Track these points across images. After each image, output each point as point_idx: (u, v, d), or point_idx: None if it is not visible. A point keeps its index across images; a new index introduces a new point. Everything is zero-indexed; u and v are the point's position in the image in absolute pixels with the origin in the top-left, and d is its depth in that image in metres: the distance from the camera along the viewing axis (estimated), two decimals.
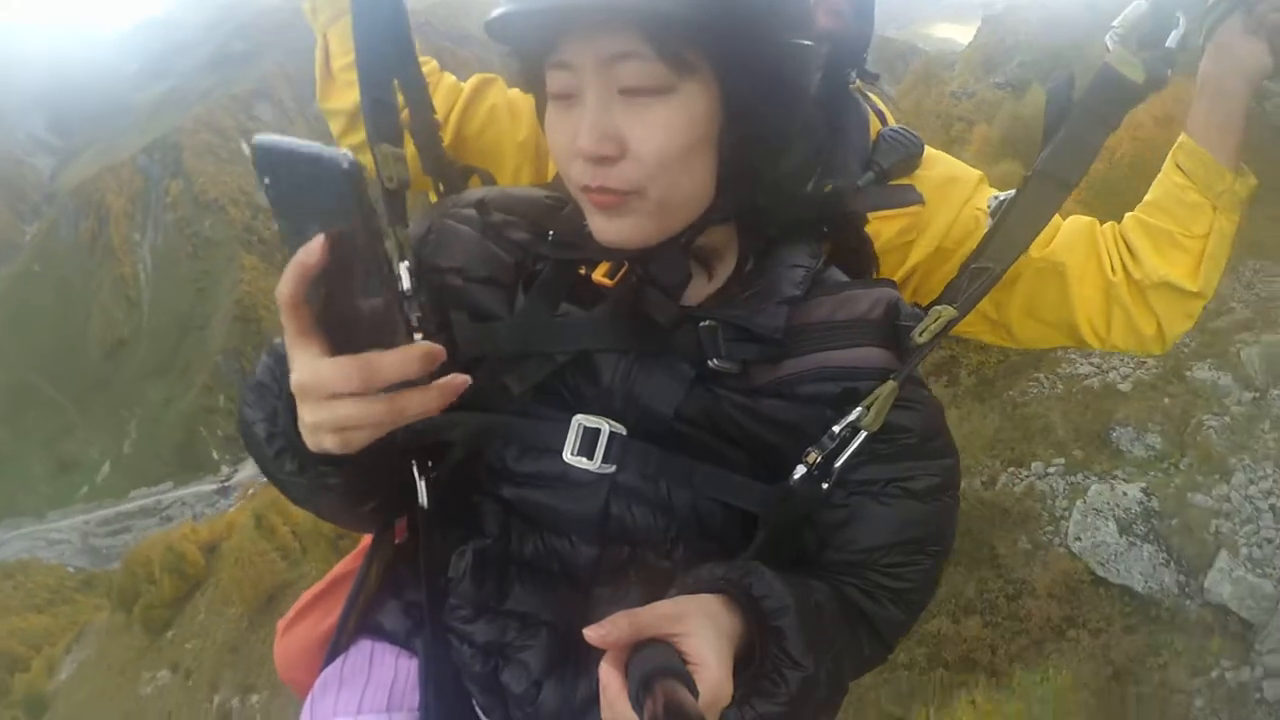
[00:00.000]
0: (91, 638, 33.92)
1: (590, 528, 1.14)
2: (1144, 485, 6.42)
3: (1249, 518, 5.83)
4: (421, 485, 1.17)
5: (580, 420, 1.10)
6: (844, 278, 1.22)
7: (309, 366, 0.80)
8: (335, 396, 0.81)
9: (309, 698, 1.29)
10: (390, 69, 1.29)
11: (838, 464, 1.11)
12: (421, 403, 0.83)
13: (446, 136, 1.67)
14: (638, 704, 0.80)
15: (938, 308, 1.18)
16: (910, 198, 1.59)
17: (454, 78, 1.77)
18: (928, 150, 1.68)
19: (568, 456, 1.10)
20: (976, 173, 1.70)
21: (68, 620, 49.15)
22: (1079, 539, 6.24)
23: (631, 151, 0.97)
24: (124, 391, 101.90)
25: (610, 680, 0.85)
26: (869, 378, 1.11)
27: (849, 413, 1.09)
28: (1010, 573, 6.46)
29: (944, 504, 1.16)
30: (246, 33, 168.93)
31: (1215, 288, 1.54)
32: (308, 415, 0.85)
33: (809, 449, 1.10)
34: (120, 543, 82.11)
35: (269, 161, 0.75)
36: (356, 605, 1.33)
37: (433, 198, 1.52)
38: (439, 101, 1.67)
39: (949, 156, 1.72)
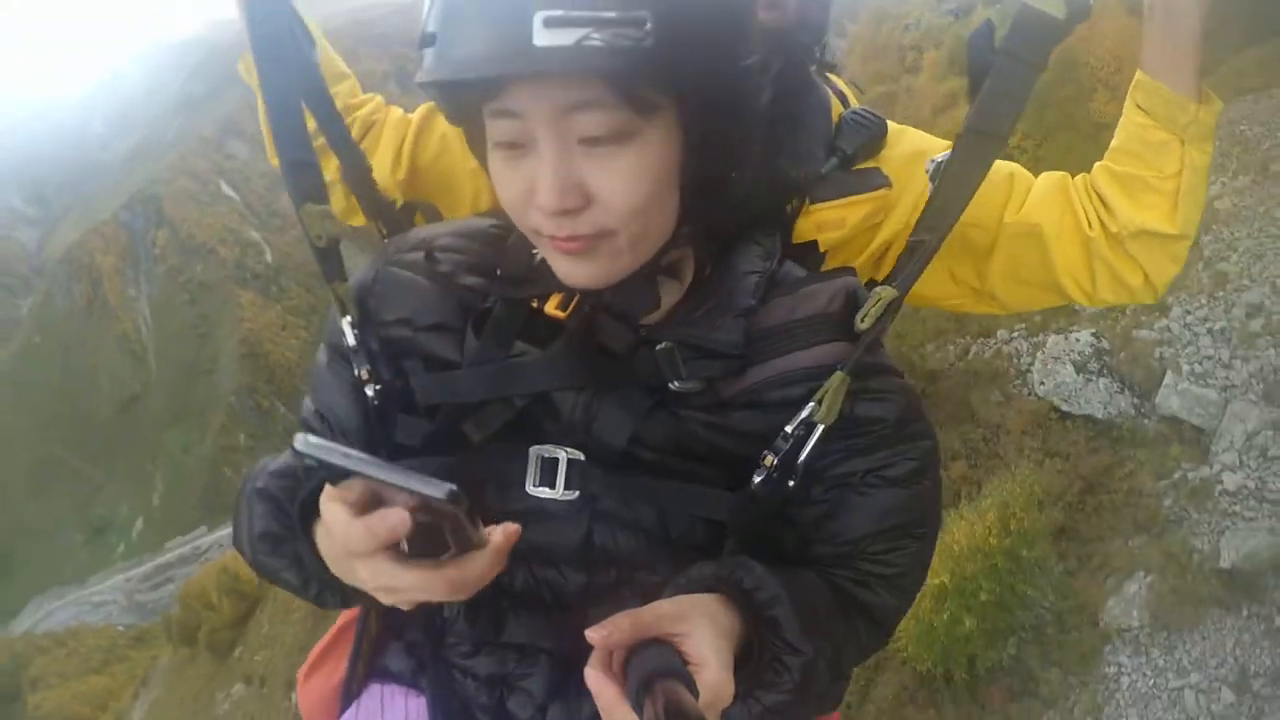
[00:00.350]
0: (157, 678, 34.82)
1: (575, 557, 1.13)
2: (1094, 330, 7.24)
3: (1189, 342, 6.65)
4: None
5: (537, 451, 1.09)
6: (801, 272, 1.21)
7: (389, 575, 0.85)
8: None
9: None
10: (303, 129, 1.27)
11: (801, 459, 1.10)
12: (483, 572, 0.88)
13: (401, 170, 1.72)
14: (638, 705, 0.79)
15: (878, 289, 1.15)
16: (875, 181, 1.57)
17: (400, 111, 1.81)
18: (892, 128, 1.64)
19: (530, 488, 1.10)
20: (944, 142, 1.61)
21: (126, 676, 50.12)
22: (1043, 384, 7.06)
23: (598, 201, 0.94)
24: (144, 446, 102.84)
25: (603, 687, 0.85)
26: (823, 368, 1.09)
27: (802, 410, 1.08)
28: (987, 421, 7.38)
29: (924, 487, 1.16)
30: (203, 73, 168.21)
31: (1197, 225, 1.48)
32: (380, 595, 0.89)
33: (765, 452, 1.09)
34: (164, 595, 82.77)
35: (345, 473, 0.78)
36: (361, 653, 1.36)
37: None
38: (388, 136, 1.74)
39: (914, 131, 1.69)
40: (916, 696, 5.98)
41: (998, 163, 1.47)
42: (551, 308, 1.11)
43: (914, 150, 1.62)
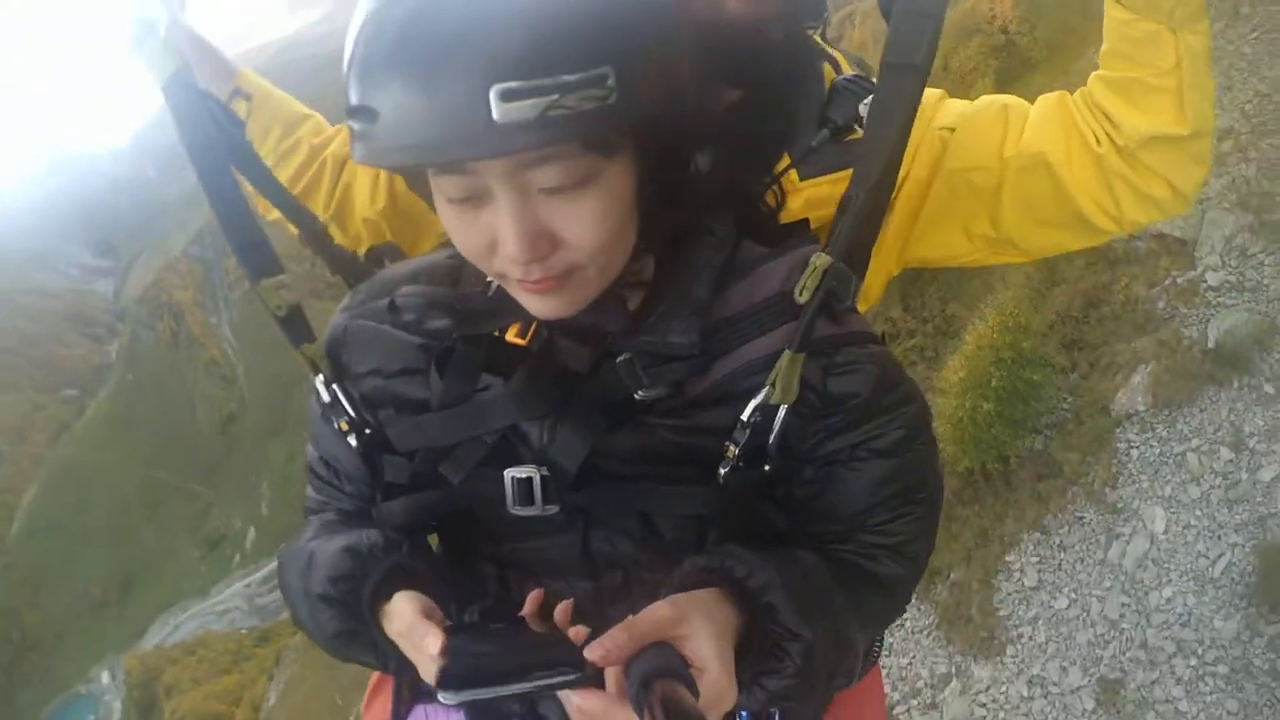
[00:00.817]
0: (290, 657, 36.06)
1: (578, 565, 1.15)
2: None
3: None
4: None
5: (510, 474, 1.10)
6: (758, 250, 1.15)
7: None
8: None
9: None
10: (246, 212, 1.25)
11: (770, 442, 1.07)
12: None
13: (379, 200, 1.68)
14: (638, 706, 0.79)
15: (815, 256, 1.08)
16: None
17: None
18: None
19: (511, 509, 1.11)
20: (936, 91, 1.51)
21: (256, 670, 51.87)
22: None
23: (565, 243, 0.92)
24: (247, 461, 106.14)
25: (593, 698, 0.86)
26: (775, 351, 1.06)
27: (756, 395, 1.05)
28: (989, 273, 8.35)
29: (916, 453, 1.14)
30: None
31: (1211, 117, 1.33)
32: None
33: (725, 443, 1.07)
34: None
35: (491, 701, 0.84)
36: (405, 679, 1.38)
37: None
38: (363, 171, 1.69)
39: None
40: (962, 495, 6.97)
41: (989, 98, 1.46)
42: (512, 335, 1.12)
43: None
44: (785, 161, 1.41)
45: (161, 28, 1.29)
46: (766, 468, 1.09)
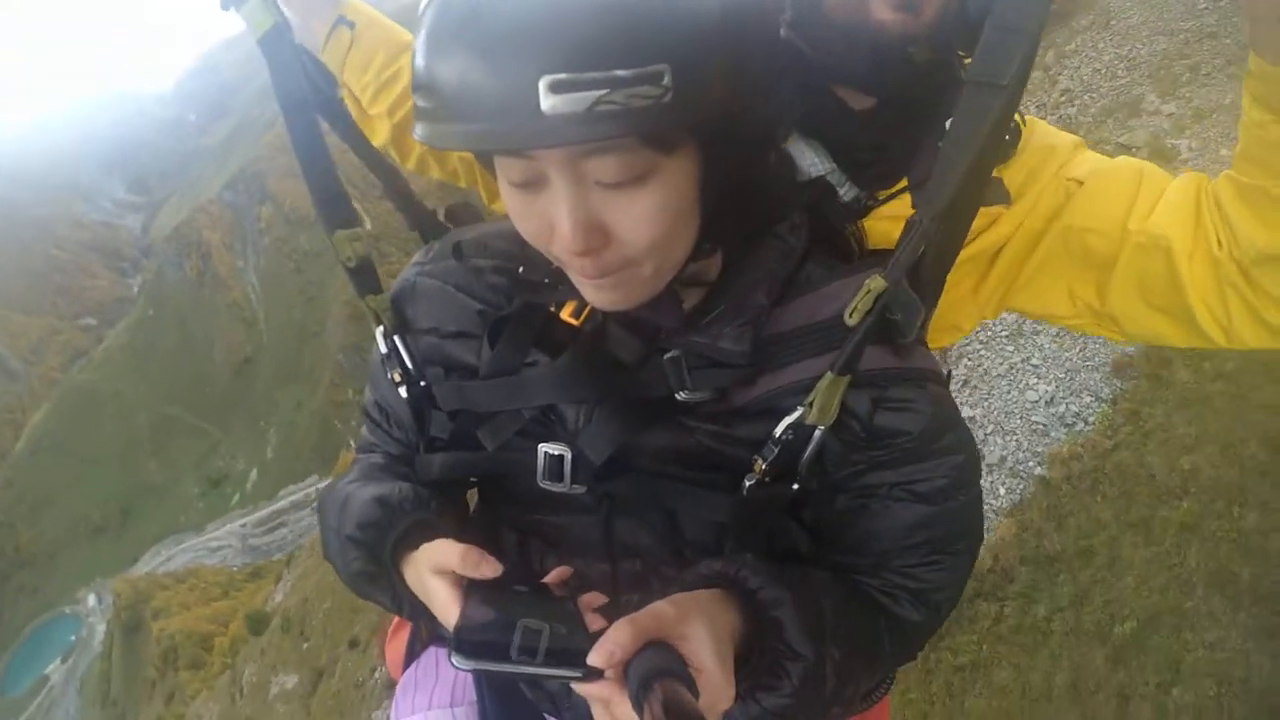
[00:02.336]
0: (304, 553, 35.89)
1: (599, 548, 1.16)
2: None
3: None
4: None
5: (545, 449, 1.12)
6: (826, 269, 1.12)
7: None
8: None
9: (394, 700, 1.43)
10: (328, 167, 1.24)
11: (802, 462, 1.06)
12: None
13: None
14: (638, 705, 0.79)
15: (868, 280, 1.01)
16: (996, 196, 1.36)
17: None
18: (1025, 131, 1.40)
19: (540, 482, 1.13)
20: (1073, 138, 1.43)
21: (249, 597, 51.70)
22: None
23: (619, 239, 0.90)
24: (258, 405, 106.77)
25: (602, 686, 0.84)
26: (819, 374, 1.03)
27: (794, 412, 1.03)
28: None
29: (958, 504, 1.11)
30: None
31: None
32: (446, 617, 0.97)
33: (755, 456, 1.06)
34: (277, 538, 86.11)
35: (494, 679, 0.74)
36: (422, 622, 1.41)
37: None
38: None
39: (1046, 127, 1.45)
40: None
41: (1127, 160, 1.38)
42: (567, 314, 1.11)
43: (1045, 145, 1.40)
44: (902, 183, 1.33)
45: None
46: (795, 486, 1.07)
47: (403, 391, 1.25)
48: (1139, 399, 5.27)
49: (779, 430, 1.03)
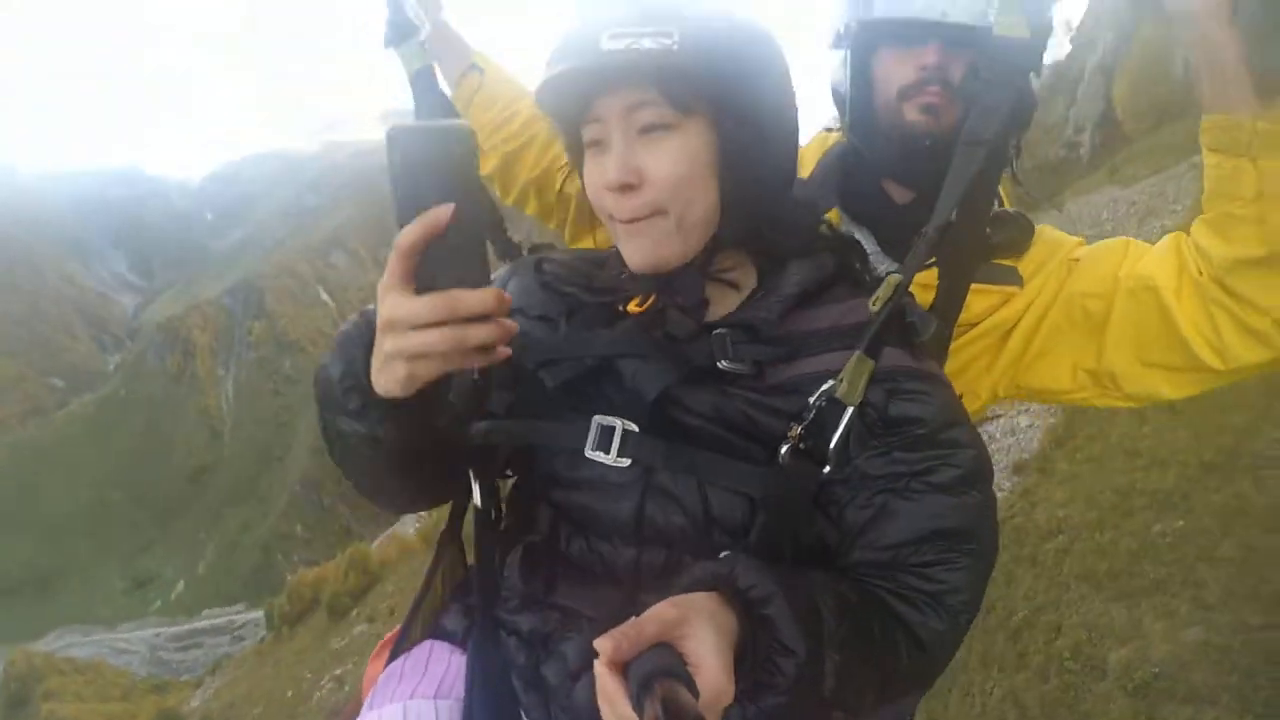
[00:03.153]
0: (231, 666, 32.87)
1: (628, 529, 1.20)
2: None
3: None
4: (476, 488, 1.33)
5: (598, 420, 1.21)
6: (850, 290, 1.30)
7: (403, 304, 0.92)
8: (417, 328, 0.92)
9: (372, 690, 1.41)
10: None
11: (832, 443, 1.13)
12: (485, 333, 0.94)
13: (556, 182, 1.94)
14: (638, 705, 0.79)
15: (888, 275, 1.23)
16: (1009, 278, 1.60)
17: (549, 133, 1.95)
18: (1035, 232, 1.64)
19: (588, 452, 1.21)
20: (1075, 239, 1.67)
21: (154, 706, 50.18)
22: None
23: (648, 180, 1.14)
24: (203, 516, 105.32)
25: (608, 680, 0.85)
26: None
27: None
28: None
29: (973, 498, 1.15)
30: (319, 188, 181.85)
31: None
32: (388, 344, 0.95)
33: (791, 423, 1.14)
34: (189, 658, 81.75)
35: (398, 139, 0.89)
36: (420, 611, 1.48)
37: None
38: (533, 154, 1.97)
39: (1053, 230, 1.69)
40: None
41: (1115, 239, 1.62)
42: (632, 307, 1.28)
43: (1050, 239, 1.65)
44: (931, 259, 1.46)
45: (423, 32, 1.72)
46: (826, 470, 1.15)
47: None
48: (1030, 485, 6.50)
49: (813, 398, 1.14)
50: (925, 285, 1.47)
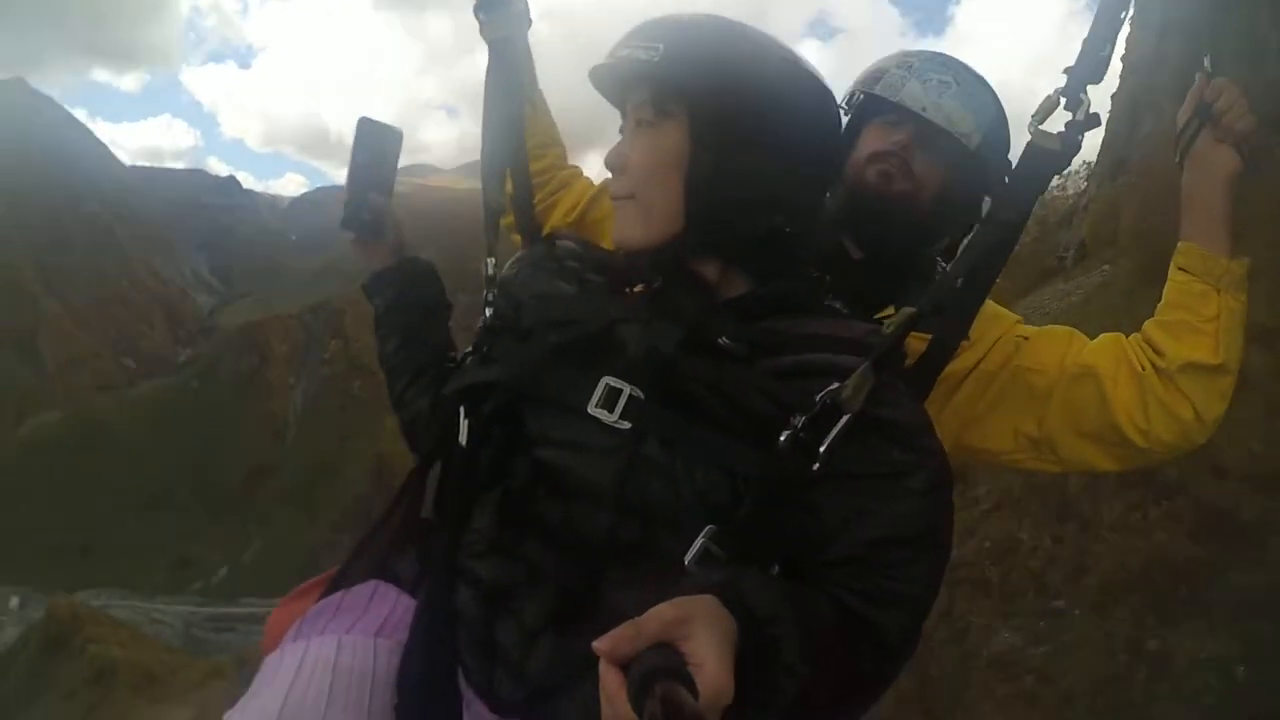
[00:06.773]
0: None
1: (607, 495, 1.18)
2: None
3: None
4: (465, 425, 1.35)
5: (607, 380, 1.21)
6: (843, 309, 1.36)
7: None
8: None
9: (299, 621, 1.38)
10: (499, 188, 1.72)
11: (825, 445, 1.13)
12: None
13: (571, 216, 2.10)
14: (638, 704, 0.79)
15: (905, 308, 1.27)
16: None
17: (589, 179, 2.17)
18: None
19: (591, 409, 1.20)
20: (1014, 315, 1.83)
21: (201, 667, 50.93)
22: None
23: (629, 166, 1.30)
24: (254, 514, 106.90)
25: (610, 678, 0.85)
26: (854, 367, 1.16)
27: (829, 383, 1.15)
28: None
29: (940, 500, 1.19)
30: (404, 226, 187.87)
31: (1238, 361, 1.58)
32: None
33: (792, 415, 1.14)
34: (223, 640, 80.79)
35: (364, 131, 1.20)
36: (370, 546, 1.48)
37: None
38: (572, 194, 2.14)
39: (992, 303, 1.73)
40: None
41: (1059, 327, 1.80)
42: (637, 288, 1.40)
43: (993, 313, 1.76)
44: (889, 310, 1.52)
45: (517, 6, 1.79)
46: (815, 467, 1.13)
47: (487, 311, 1.50)
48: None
49: (819, 395, 1.14)
50: (918, 337, 1.47)
